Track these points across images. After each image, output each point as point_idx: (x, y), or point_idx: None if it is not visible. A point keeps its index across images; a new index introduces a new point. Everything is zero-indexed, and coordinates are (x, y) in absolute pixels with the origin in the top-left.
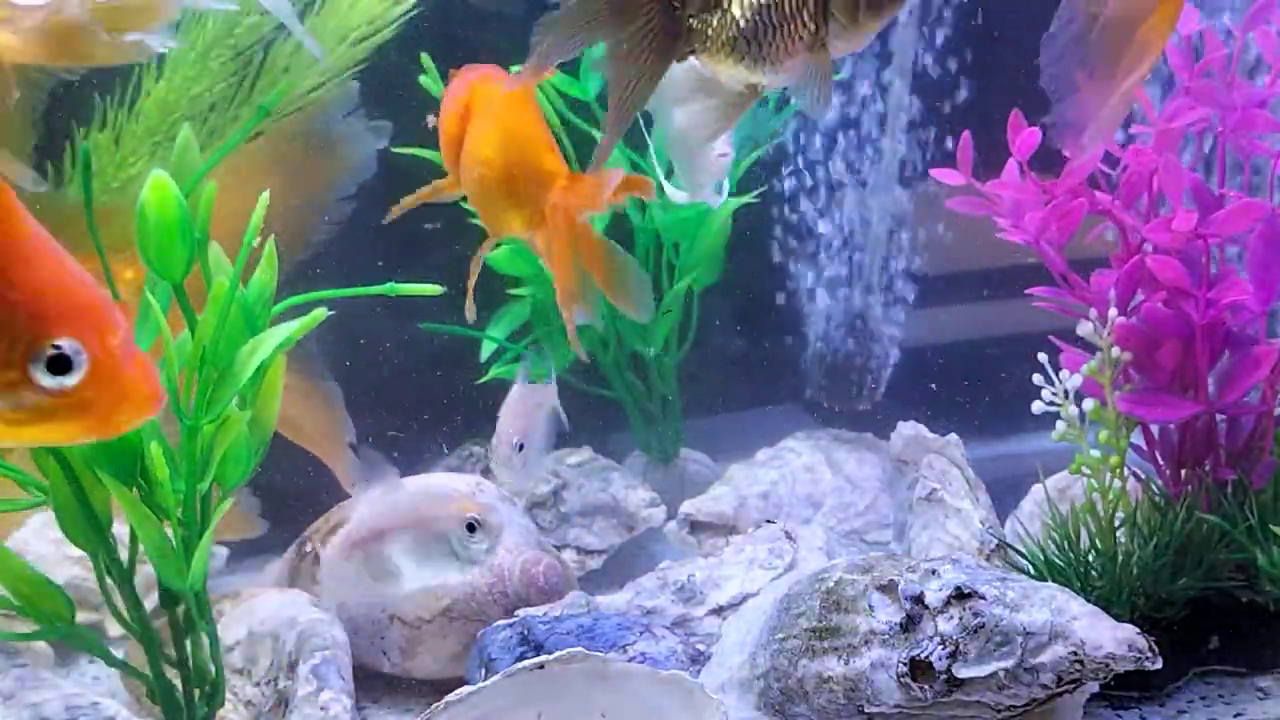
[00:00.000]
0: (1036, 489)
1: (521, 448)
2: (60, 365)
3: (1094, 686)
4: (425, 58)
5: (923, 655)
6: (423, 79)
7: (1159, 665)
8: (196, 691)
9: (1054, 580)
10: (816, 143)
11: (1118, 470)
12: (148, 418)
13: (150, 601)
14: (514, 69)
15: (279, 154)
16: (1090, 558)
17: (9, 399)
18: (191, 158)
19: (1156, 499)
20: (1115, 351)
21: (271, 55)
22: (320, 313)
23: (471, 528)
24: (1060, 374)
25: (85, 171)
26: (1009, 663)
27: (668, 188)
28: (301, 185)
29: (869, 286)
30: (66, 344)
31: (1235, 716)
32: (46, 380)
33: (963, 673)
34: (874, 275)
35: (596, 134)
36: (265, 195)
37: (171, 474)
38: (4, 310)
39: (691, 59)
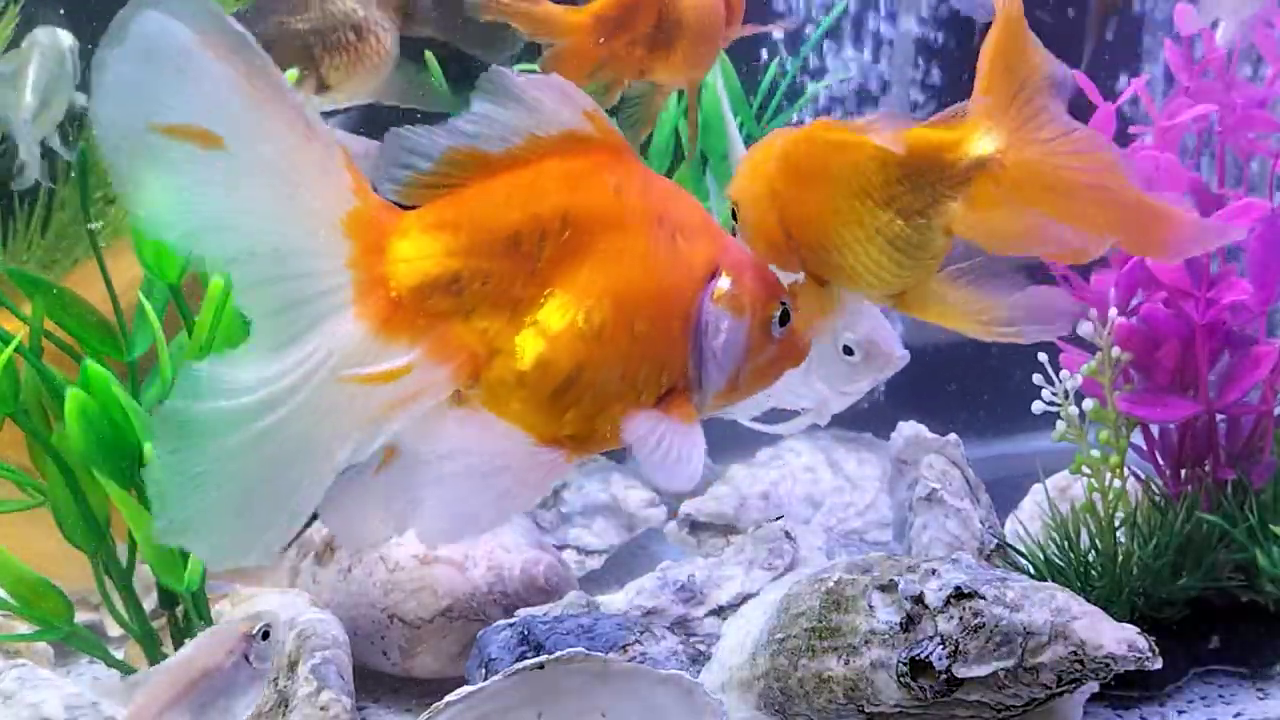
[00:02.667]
0: (1036, 489)
1: None
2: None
3: (1094, 686)
4: (429, 56)
5: (923, 655)
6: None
7: (1159, 665)
8: None
9: (1054, 580)
10: None
11: (1118, 470)
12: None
13: (150, 602)
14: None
15: None
16: (1090, 558)
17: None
18: None
19: (1156, 499)
20: (1115, 351)
21: None
22: None
23: (265, 634)
24: (1060, 374)
25: (83, 174)
26: (1009, 663)
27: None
28: None
29: None
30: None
31: (1235, 716)
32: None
33: (963, 672)
34: None
35: None
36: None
37: None
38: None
39: None
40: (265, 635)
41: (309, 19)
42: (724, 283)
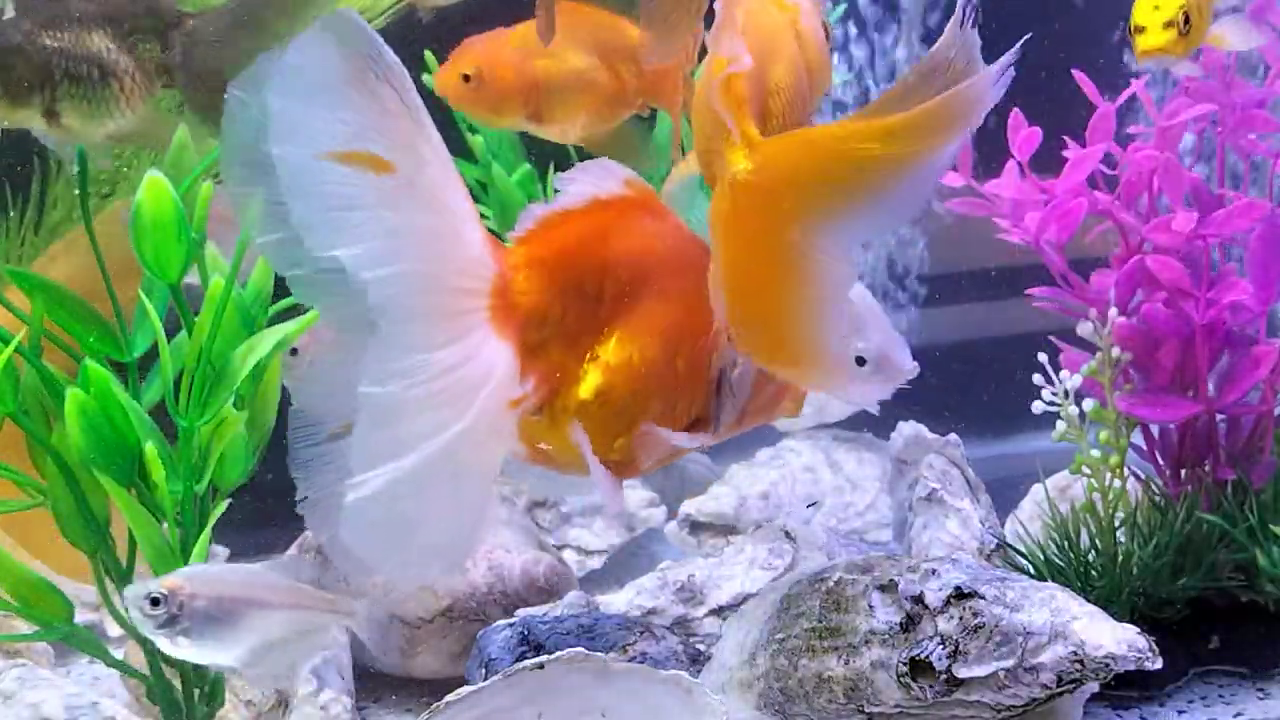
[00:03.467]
0: (1036, 489)
1: None
2: None
3: (1094, 686)
4: (429, 55)
5: (923, 655)
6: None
7: (1159, 665)
8: (196, 691)
9: (1054, 580)
10: None
11: (1118, 470)
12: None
13: None
14: None
15: None
16: (1090, 558)
17: None
18: (187, 157)
19: (1156, 499)
20: (1115, 351)
21: None
22: (317, 312)
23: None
24: (1060, 374)
25: (82, 172)
26: (1009, 663)
27: None
28: None
29: (870, 287)
30: None
31: (1235, 716)
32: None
33: (963, 672)
34: (875, 275)
35: None
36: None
37: (169, 474)
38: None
39: None
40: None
41: (59, 40)
42: None
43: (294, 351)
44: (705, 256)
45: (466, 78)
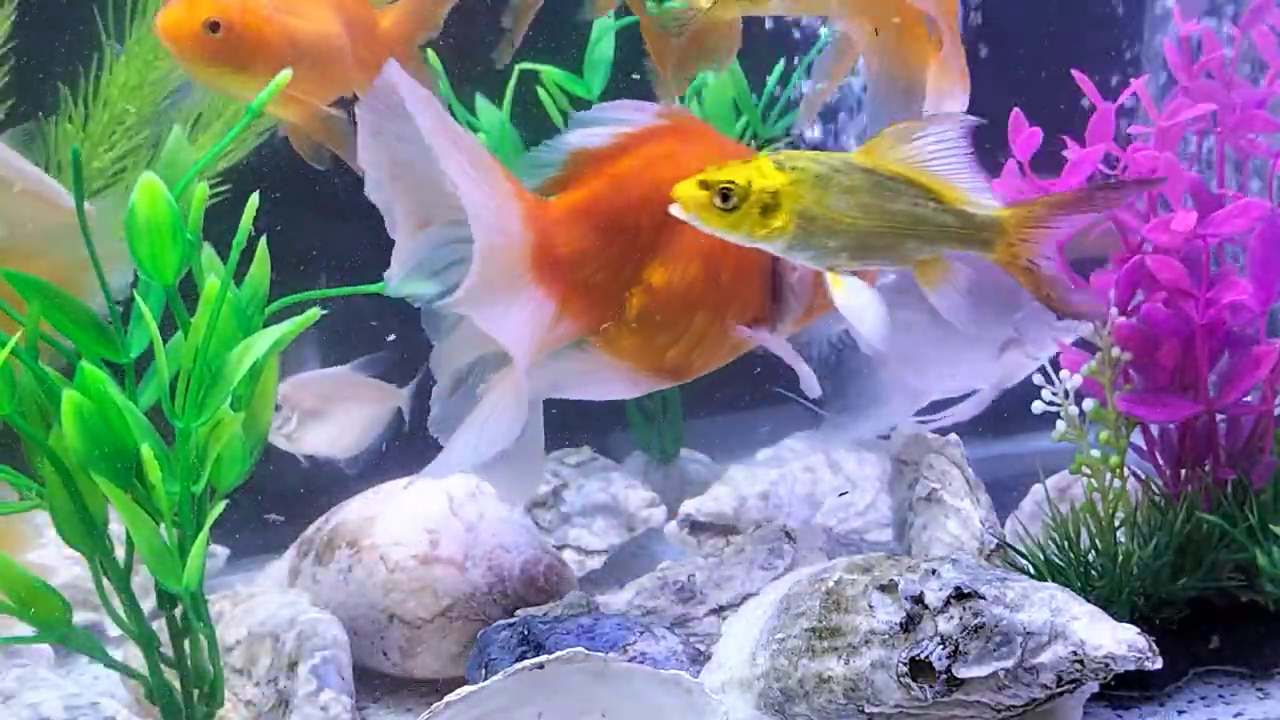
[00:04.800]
0: (1036, 489)
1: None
2: None
3: (1094, 686)
4: (432, 55)
5: (923, 655)
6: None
7: (1159, 665)
8: (195, 692)
9: (1054, 580)
10: (816, 141)
11: (1118, 470)
12: None
13: (149, 603)
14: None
15: None
16: (1090, 558)
17: None
18: (183, 157)
19: (1156, 499)
20: (1115, 351)
21: None
22: (314, 312)
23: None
24: (1060, 374)
25: (77, 173)
26: (1009, 663)
27: None
28: None
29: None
30: None
31: (1235, 716)
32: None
33: (963, 673)
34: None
35: None
36: (254, 198)
37: (166, 476)
38: None
39: None
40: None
41: None
42: None
43: (278, 407)
44: None
45: (215, 26)
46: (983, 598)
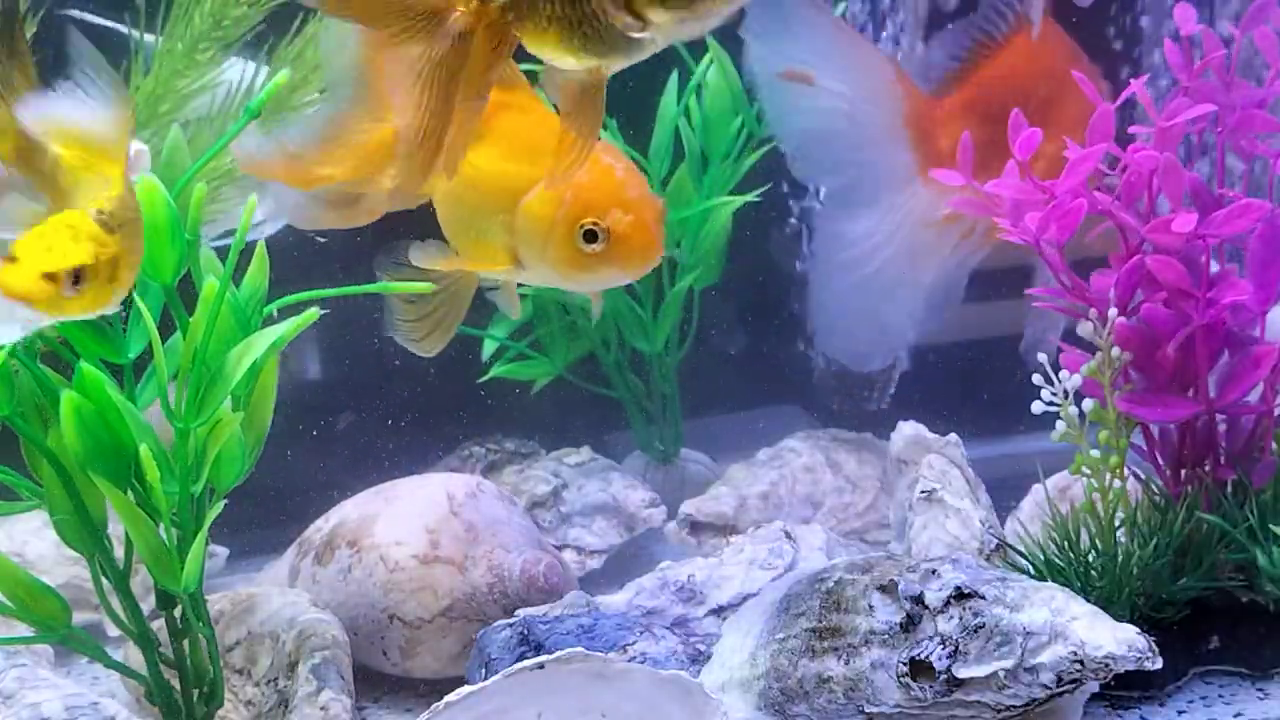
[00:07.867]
0: (1036, 489)
1: None
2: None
3: (1094, 686)
4: None
5: (923, 655)
6: None
7: (1159, 665)
8: (195, 692)
9: (1054, 580)
10: None
11: (1118, 470)
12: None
13: (149, 603)
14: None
15: None
16: (1090, 558)
17: None
18: (181, 158)
19: (1156, 499)
20: (1115, 351)
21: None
22: (313, 313)
23: None
24: (1060, 374)
25: None
26: (1009, 663)
27: None
28: None
29: None
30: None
31: (1235, 716)
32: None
33: (963, 673)
34: None
35: None
36: (253, 200)
37: (165, 476)
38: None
39: None
40: None
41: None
42: None
43: None
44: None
45: None
46: (983, 598)
